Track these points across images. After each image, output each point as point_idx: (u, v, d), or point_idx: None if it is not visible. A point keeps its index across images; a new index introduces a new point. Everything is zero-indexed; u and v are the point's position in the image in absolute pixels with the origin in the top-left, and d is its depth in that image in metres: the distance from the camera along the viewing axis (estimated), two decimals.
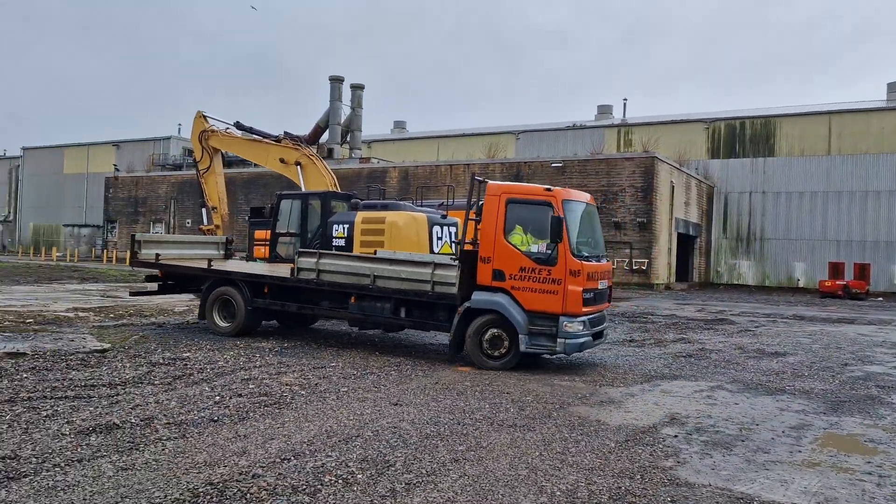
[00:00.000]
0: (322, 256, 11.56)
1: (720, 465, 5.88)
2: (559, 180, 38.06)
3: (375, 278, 10.87)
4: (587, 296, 9.89)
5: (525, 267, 9.90)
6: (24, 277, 26.78)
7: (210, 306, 12.56)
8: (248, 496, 4.66)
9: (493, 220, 10.09)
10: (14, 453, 5.36)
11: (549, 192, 10.01)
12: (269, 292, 12.16)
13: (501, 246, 10.04)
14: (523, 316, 9.85)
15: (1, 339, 10.49)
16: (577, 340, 9.78)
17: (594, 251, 10.59)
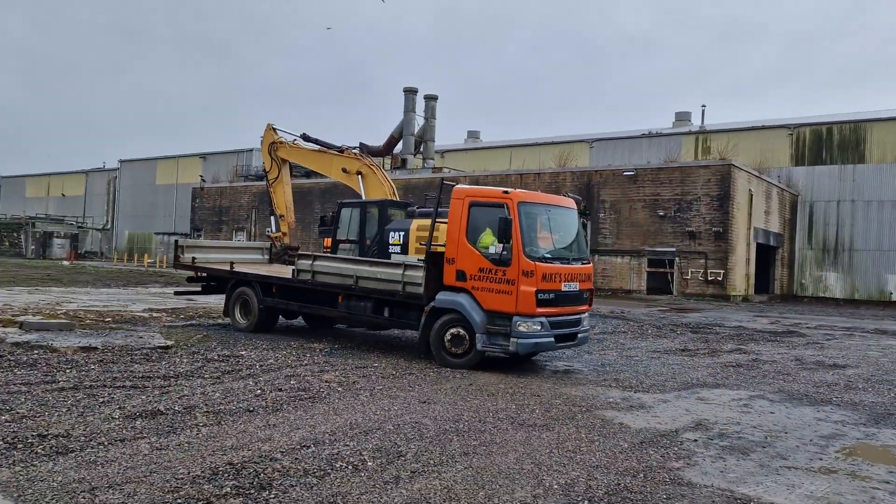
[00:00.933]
0: (316, 259, 12.47)
1: (730, 468, 5.89)
2: (631, 189, 37.60)
3: (357, 279, 11.53)
4: (544, 297, 9.96)
5: (483, 268, 10.17)
6: (115, 281, 28.61)
7: (232, 305, 13.75)
8: (261, 476, 5.06)
9: (458, 223, 10.47)
10: (67, 432, 5.97)
11: (507, 194, 10.27)
12: (277, 292, 13.10)
13: (464, 247, 10.37)
14: (482, 315, 10.09)
15: (79, 336, 11.42)
16: (530, 340, 9.89)
17: (563, 254, 10.67)
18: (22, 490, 4.62)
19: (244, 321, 13.51)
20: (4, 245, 62.44)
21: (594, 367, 11.22)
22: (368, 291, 11.44)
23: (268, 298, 13.13)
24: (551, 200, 11.24)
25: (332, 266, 12.15)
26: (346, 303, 11.94)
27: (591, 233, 38.11)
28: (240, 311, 13.64)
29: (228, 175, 61.57)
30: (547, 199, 11.22)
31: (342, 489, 4.89)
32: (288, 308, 13.21)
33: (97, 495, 4.56)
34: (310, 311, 13.10)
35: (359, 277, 11.52)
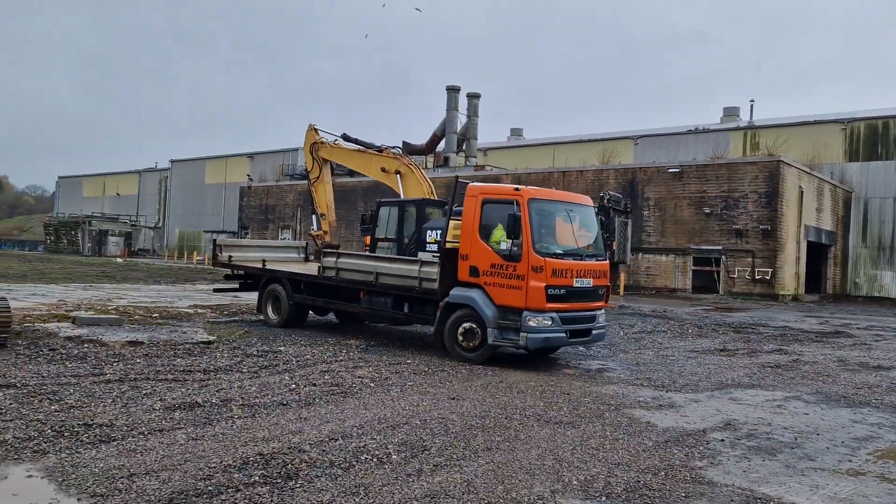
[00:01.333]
0: (340, 256, 12.95)
1: (755, 468, 5.87)
2: (676, 186, 37.05)
3: (378, 275, 11.91)
4: (555, 292, 10.08)
5: (495, 263, 10.34)
6: (164, 278, 29.51)
7: (264, 301, 14.27)
8: (288, 466, 5.27)
9: (471, 220, 10.70)
10: (110, 422, 6.29)
11: (517, 191, 10.44)
12: (305, 288, 13.61)
13: (476, 244, 10.59)
14: (493, 310, 10.27)
15: (127, 330, 11.90)
16: (540, 335, 10.04)
17: (575, 250, 10.77)
18: (66, 475, 4.91)
19: (275, 317, 14.03)
20: (63, 243, 64.83)
21: (628, 366, 11.19)
22: (388, 287, 11.81)
23: (296, 295, 13.63)
24: (565, 197, 11.37)
25: (355, 263, 12.61)
26: (368, 298, 12.39)
27: (635, 231, 37.69)
28: (271, 307, 14.17)
29: (274, 174, 62.73)
30: (561, 196, 11.37)
31: (365, 480, 5.06)
32: (315, 304, 13.70)
33: (135, 481, 4.83)
34: (335, 306, 13.57)
35: (379, 274, 11.89)
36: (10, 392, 7.23)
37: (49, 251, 63.97)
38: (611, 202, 24.17)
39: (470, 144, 56.21)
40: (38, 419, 6.27)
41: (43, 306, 14.84)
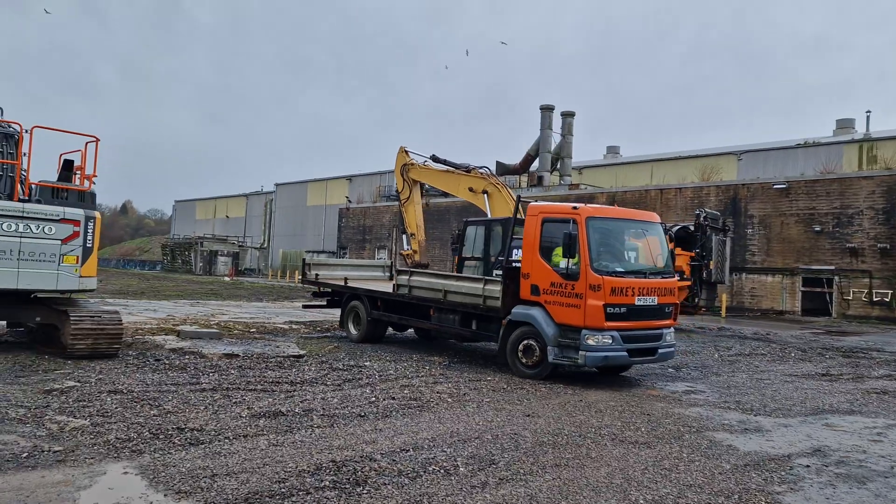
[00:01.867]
0: (412, 274, 13.37)
1: (839, 496, 5.58)
2: (783, 203, 35.40)
3: (446, 293, 12.23)
4: (614, 311, 10.01)
5: (555, 282, 10.40)
6: (267, 296, 30.92)
7: (346, 317, 14.90)
8: (357, 472, 5.49)
9: (532, 239, 10.81)
10: (201, 427, 6.73)
11: (575, 210, 10.46)
12: (382, 305, 14.05)
13: (537, 262, 10.68)
14: (553, 329, 10.32)
15: (225, 344, 12.62)
16: (599, 354, 9.99)
17: (637, 268, 10.73)
18: (157, 473, 5.33)
19: (355, 332, 14.58)
20: (178, 262, 69.08)
21: (718, 389, 10.81)
22: (455, 305, 12.12)
23: (374, 311, 14.12)
24: (628, 215, 11.39)
25: (425, 281, 12.96)
26: (437, 315, 12.69)
27: (739, 250, 36.21)
28: (352, 323, 14.75)
29: (371, 195, 64.54)
30: (623, 213, 11.42)
31: (430, 490, 5.20)
32: (390, 320, 14.09)
33: (216, 481, 5.17)
34: (408, 322, 13.92)
35: (447, 291, 12.23)
36: (117, 397, 7.86)
37: (165, 270, 68.29)
38: (707, 220, 23.50)
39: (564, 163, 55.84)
40: (138, 422, 6.80)
41: (153, 320, 15.95)
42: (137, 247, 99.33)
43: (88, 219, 10.24)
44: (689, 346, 16.95)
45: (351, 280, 15.35)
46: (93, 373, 9.19)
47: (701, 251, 22.71)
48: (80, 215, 10.17)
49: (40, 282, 9.89)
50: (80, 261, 10.12)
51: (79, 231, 10.08)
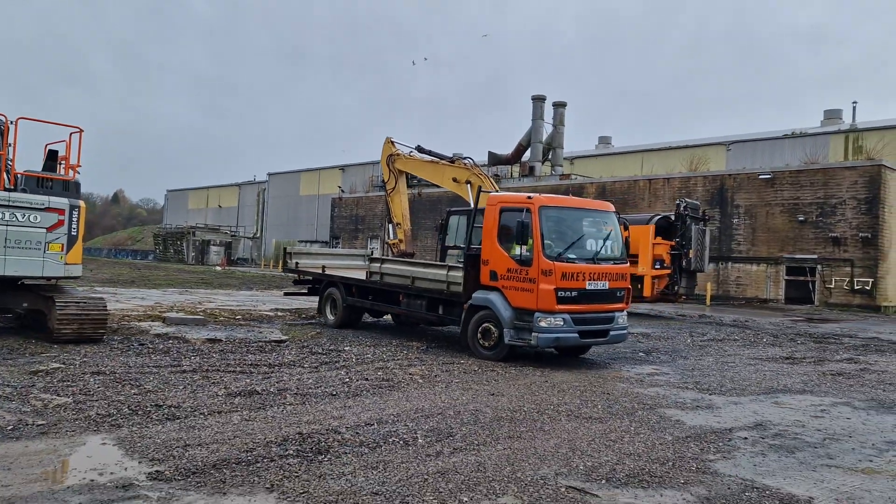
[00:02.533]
0: (384, 262, 14.05)
1: (766, 463, 6.02)
2: (767, 193, 35.92)
3: (414, 279, 12.85)
4: (565, 294, 10.59)
5: (511, 268, 10.99)
6: (257, 285, 31.27)
7: (323, 303, 15.44)
8: (321, 443, 5.90)
9: (490, 227, 11.43)
10: (178, 404, 7.14)
11: (529, 199, 11.07)
12: (356, 292, 14.61)
13: (495, 249, 11.27)
14: (510, 312, 10.87)
15: (209, 329, 13.01)
16: (551, 335, 10.57)
17: (589, 254, 11.20)
18: (133, 444, 5.73)
19: (332, 317, 15.10)
20: (170, 252, 69.29)
21: (682, 371, 11.27)
22: (422, 291, 12.75)
23: (349, 297, 14.66)
24: (581, 204, 12.03)
25: (395, 268, 13.62)
26: (406, 301, 13.33)
27: (725, 239, 36.73)
28: (329, 309, 15.27)
29: (364, 186, 64.79)
30: (576, 203, 12.06)
31: (387, 458, 5.62)
32: (363, 306, 14.67)
33: (188, 450, 5.58)
34: (380, 308, 14.49)
35: (414, 278, 12.85)
36: (99, 378, 8.25)
37: (158, 260, 68.53)
38: (687, 210, 23.94)
39: (556, 153, 56.18)
40: (118, 400, 7.20)
41: (140, 308, 16.32)
42: (129, 236, 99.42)
43: (73, 208, 10.60)
44: (664, 332, 17.42)
45: (329, 268, 15.84)
46: (78, 356, 9.58)
47: (681, 240, 23.16)
48: (64, 204, 10.52)
49: (26, 269, 10.25)
50: (66, 248, 10.48)
51: (63, 220, 10.43)
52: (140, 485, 4.76)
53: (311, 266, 16.49)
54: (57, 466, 5.16)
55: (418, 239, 46.66)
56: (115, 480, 4.82)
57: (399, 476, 5.18)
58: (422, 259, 23.21)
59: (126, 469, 5.09)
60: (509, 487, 5.04)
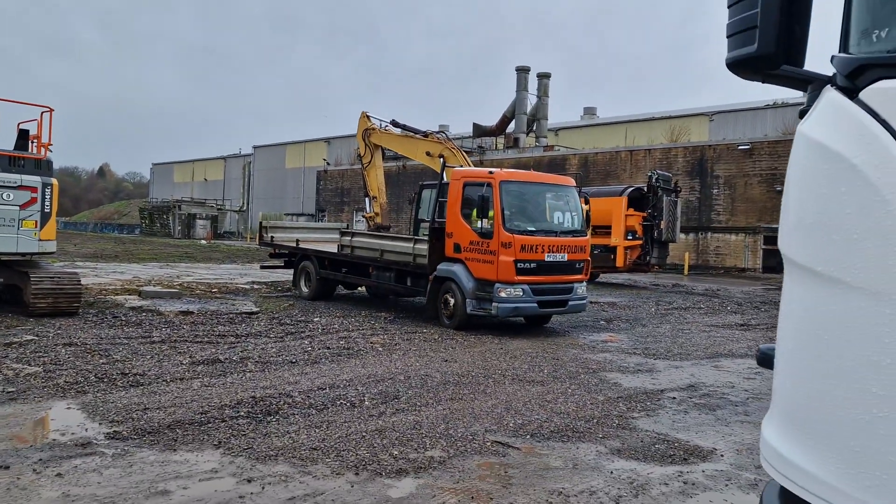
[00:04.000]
0: (354, 235, 14.52)
1: (684, 420, 6.54)
2: (746, 163, 36.44)
3: (382, 252, 13.26)
4: (524, 266, 11.03)
5: (473, 240, 11.44)
6: (240, 258, 31.60)
7: (298, 276, 15.84)
8: (272, 405, 6.36)
9: (454, 201, 11.88)
10: (143, 372, 7.57)
11: (491, 174, 11.51)
12: (329, 265, 15.02)
13: (459, 223, 11.73)
14: (472, 283, 11.32)
15: (183, 302, 13.41)
16: (510, 305, 11.01)
17: (548, 227, 11.65)
18: (96, 408, 6.16)
19: (306, 290, 15.51)
20: (157, 226, 69.27)
21: (636, 338, 11.79)
22: (390, 263, 13.18)
23: (322, 270, 15.07)
24: (541, 179, 12.52)
25: (365, 241, 14.10)
26: (376, 273, 13.80)
27: (704, 210, 37.31)
28: (304, 282, 15.66)
29: (350, 158, 64.81)
30: (536, 177, 12.52)
31: (332, 418, 6.08)
32: (335, 278, 15.04)
33: (147, 413, 6.02)
34: (350, 280, 14.91)
35: (383, 251, 13.28)
36: (70, 349, 8.66)
37: (144, 234, 68.52)
38: (659, 182, 24.39)
39: (540, 125, 56.34)
40: (86, 369, 7.62)
41: (119, 282, 16.67)
42: (115, 210, 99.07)
43: (45, 185, 10.91)
44: (631, 302, 17.96)
45: (303, 242, 16.23)
46: (52, 328, 9.97)
47: (652, 212, 23.65)
48: (37, 182, 10.83)
49: (1, 245, 10.58)
50: (39, 225, 10.82)
51: (36, 197, 10.75)
52: (98, 443, 5.20)
53: (286, 240, 16.84)
54: (22, 428, 5.59)
55: (402, 211, 46.99)
56: (75, 440, 5.26)
57: (339, 434, 5.64)
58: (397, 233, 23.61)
59: (87, 430, 5.53)
60: (439, 442, 5.52)
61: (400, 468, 4.90)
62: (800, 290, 1.69)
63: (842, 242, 1.49)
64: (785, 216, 1.78)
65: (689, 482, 4.89)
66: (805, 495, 1.58)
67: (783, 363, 1.78)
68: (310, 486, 4.52)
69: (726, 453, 5.58)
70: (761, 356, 2.16)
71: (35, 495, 4.18)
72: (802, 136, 1.70)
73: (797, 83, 1.86)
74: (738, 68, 1.86)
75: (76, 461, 4.79)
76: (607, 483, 4.80)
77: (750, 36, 1.76)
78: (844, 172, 1.48)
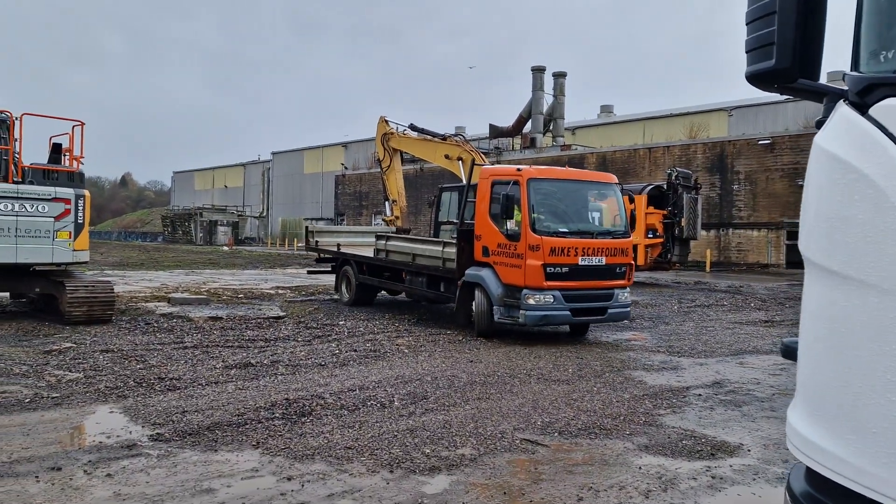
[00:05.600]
0: (389, 239, 14.04)
1: (712, 416, 6.63)
2: (768, 158, 36.23)
3: (415, 256, 12.82)
4: (555, 270, 10.28)
5: (501, 243, 10.77)
6: (262, 264, 31.98)
7: (340, 281, 15.72)
8: (305, 407, 6.55)
9: (482, 201, 11.26)
10: (179, 377, 7.80)
11: (519, 171, 10.82)
12: (367, 269, 14.74)
13: (487, 224, 11.09)
14: (500, 289, 10.68)
15: (212, 308, 13.68)
16: (538, 313, 10.27)
17: (582, 228, 10.88)
18: (137, 411, 6.39)
19: (347, 296, 15.42)
20: (179, 233, 70.17)
21: (660, 336, 11.85)
22: (421, 268, 12.77)
23: (360, 275, 14.85)
24: (574, 176, 11.66)
25: (398, 245, 13.69)
26: (409, 278, 13.39)
27: (725, 206, 37.11)
28: (345, 287, 15.58)
29: (367, 162, 65.19)
30: (569, 174, 11.56)
31: (363, 419, 6.26)
32: (373, 283, 14.70)
33: (186, 416, 6.23)
34: (386, 286, 14.56)
35: (415, 255, 12.90)
36: (108, 355, 8.93)
37: (167, 241, 69.44)
38: (678, 179, 24.35)
39: (557, 124, 56.33)
40: (125, 374, 7.87)
41: (147, 289, 17.03)
42: (138, 219, 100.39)
43: (78, 197, 11.22)
44: (654, 300, 17.98)
45: (343, 246, 16.00)
46: (88, 336, 10.26)
47: (673, 209, 23.63)
48: (70, 194, 11.14)
49: (37, 256, 10.90)
50: (73, 236, 11.13)
51: (70, 209, 11.06)
52: (142, 445, 5.41)
53: (329, 244, 16.65)
54: (70, 432, 5.83)
55: (421, 214, 47.22)
56: (120, 442, 5.48)
57: (372, 433, 5.81)
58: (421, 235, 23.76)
59: (130, 432, 5.75)
60: (469, 441, 5.67)
61: (433, 466, 5.06)
62: (818, 288, 1.82)
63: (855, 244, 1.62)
64: (804, 219, 1.92)
65: (717, 476, 4.99)
66: (829, 474, 1.72)
67: (805, 355, 1.92)
68: (347, 483, 4.69)
69: (753, 448, 5.67)
70: (785, 349, 2.29)
71: (88, 495, 4.39)
72: (818, 147, 1.84)
73: (813, 95, 1.99)
74: (756, 81, 1.99)
75: (123, 462, 5.00)
76: (636, 478, 4.92)
77: (768, 52, 1.90)
78: (856, 181, 1.61)
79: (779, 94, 2.05)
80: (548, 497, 4.52)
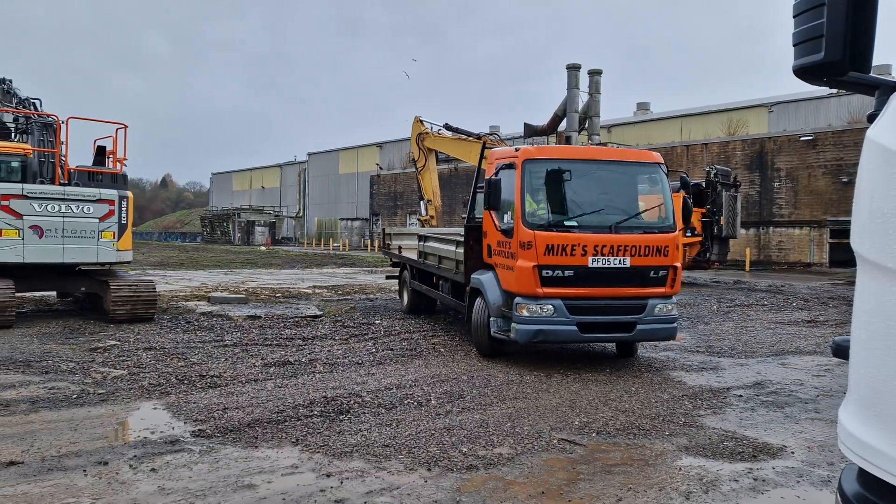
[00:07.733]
0: (426, 240, 12.38)
1: (754, 417, 6.50)
2: (810, 155, 35.44)
3: (440, 258, 11.19)
4: (554, 273, 8.14)
5: (500, 241, 8.79)
6: (299, 264, 32.35)
7: (402, 286, 14.48)
8: (343, 404, 6.61)
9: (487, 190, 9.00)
10: (220, 374, 7.93)
11: (516, 152, 8.76)
12: (417, 275, 13.17)
13: (488, 217, 9.16)
14: (498, 297, 8.67)
15: (250, 307, 13.88)
16: (530, 328, 8.13)
17: (596, 220, 8.43)
18: (180, 408, 6.52)
19: (405, 302, 14.06)
20: (217, 234, 71.35)
21: (698, 336, 11.67)
22: (444, 271, 11.01)
23: (413, 281, 13.21)
24: (590, 154, 9.28)
25: (430, 247, 12.06)
26: (440, 283, 11.61)
27: (765, 203, 36.40)
28: (404, 293, 14.17)
29: (402, 162, 65.46)
30: (582, 153, 9.32)
31: (401, 417, 6.29)
32: (421, 290, 12.82)
33: (227, 412, 6.33)
34: (430, 293, 12.37)
35: (440, 257, 11.25)
36: (151, 353, 9.12)
37: (205, 241, 70.65)
38: (717, 177, 23.95)
39: (592, 122, 55.77)
40: (167, 371, 8.03)
41: (188, 289, 17.35)
42: (178, 219, 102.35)
43: (122, 198, 11.48)
44: (693, 299, 17.71)
45: (404, 249, 14.44)
46: (131, 333, 10.50)
47: (712, 207, 23.25)
48: (114, 195, 11.41)
49: (82, 256, 11.19)
50: (117, 236, 11.39)
51: (114, 210, 11.33)
52: (185, 440, 5.52)
53: (410, 247, 14.52)
54: (115, 427, 5.97)
55: (455, 213, 47.22)
56: (164, 437, 5.59)
57: (409, 431, 5.84)
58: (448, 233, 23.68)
59: (174, 428, 5.86)
60: (506, 440, 5.66)
61: (470, 464, 5.06)
62: (871, 285, 1.78)
63: None
64: (857, 215, 1.87)
65: (760, 479, 4.90)
66: (882, 475, 1.67)
67: (857, 353, 1.87)
68: (385, 480, 4.72)
69: (797, 450, 5.56)
70: (836, 347, 2.24)
71: (134, 489, 4.49)
72: (871, 140, 1.79)
73: (864, 88, 1.94)
74: (805, 75, 1.95)
75: (167, 457, 5.10)
76: (676, 479, 4.86)
77: (816, 44, 1.86)
78: None
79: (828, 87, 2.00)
80: (586, 497, 4.49)
